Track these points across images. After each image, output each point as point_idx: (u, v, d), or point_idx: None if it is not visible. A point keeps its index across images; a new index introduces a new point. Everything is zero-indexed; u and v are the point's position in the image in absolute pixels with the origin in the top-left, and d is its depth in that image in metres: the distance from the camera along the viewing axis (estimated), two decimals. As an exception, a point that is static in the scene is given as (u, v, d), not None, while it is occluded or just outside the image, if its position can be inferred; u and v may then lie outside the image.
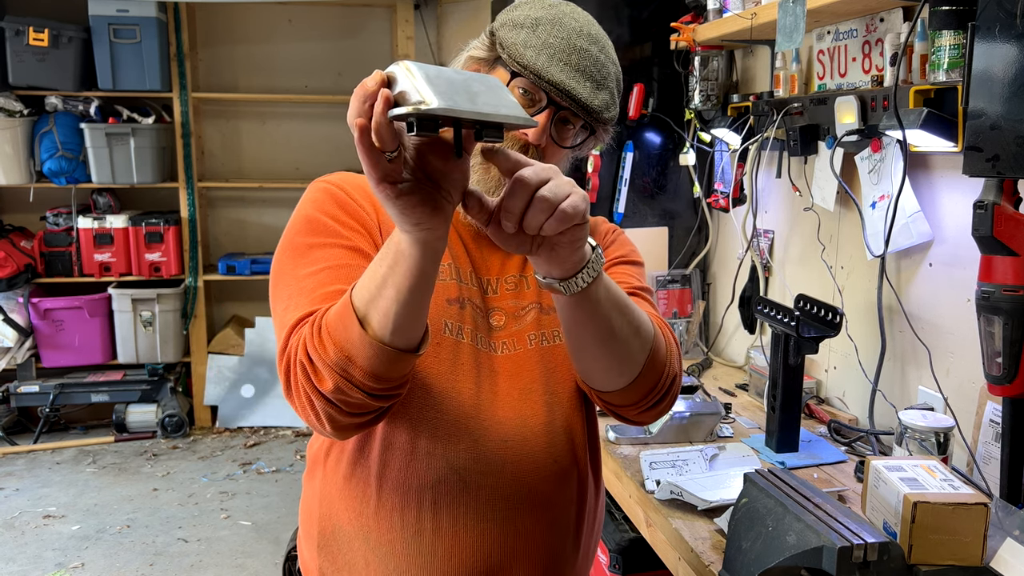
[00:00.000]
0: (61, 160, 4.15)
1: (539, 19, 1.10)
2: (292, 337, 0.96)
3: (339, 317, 0.91)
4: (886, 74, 1.78)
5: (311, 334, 0.93)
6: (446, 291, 1.11)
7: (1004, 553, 1.17)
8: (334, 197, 1.11)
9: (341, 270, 1.03)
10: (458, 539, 1.09)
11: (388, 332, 0.89)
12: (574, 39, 1.09)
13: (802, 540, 1.11)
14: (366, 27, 4.71)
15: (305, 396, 0.94)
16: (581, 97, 1.07)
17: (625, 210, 2.69)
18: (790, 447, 1.78)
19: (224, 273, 4.46)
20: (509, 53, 1.08)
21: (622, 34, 2.65)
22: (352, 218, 1.10)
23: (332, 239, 1.06)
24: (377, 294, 0.88)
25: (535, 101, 1.10)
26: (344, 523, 1.13)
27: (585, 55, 1.09)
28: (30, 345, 4.31)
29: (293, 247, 1.08)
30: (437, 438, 1.08)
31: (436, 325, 1.08)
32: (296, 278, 1.04)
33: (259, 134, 4.76)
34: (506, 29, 1.11)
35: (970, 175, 1.30)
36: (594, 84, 1.09)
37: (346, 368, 0.90)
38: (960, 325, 1.70)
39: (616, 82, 1.14)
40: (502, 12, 1.15)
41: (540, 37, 1.08)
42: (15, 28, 3.97)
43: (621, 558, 1.90)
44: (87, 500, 3.65)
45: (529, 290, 1.18)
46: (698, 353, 2.70)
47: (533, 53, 1.07)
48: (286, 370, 0.96)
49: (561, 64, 1.07)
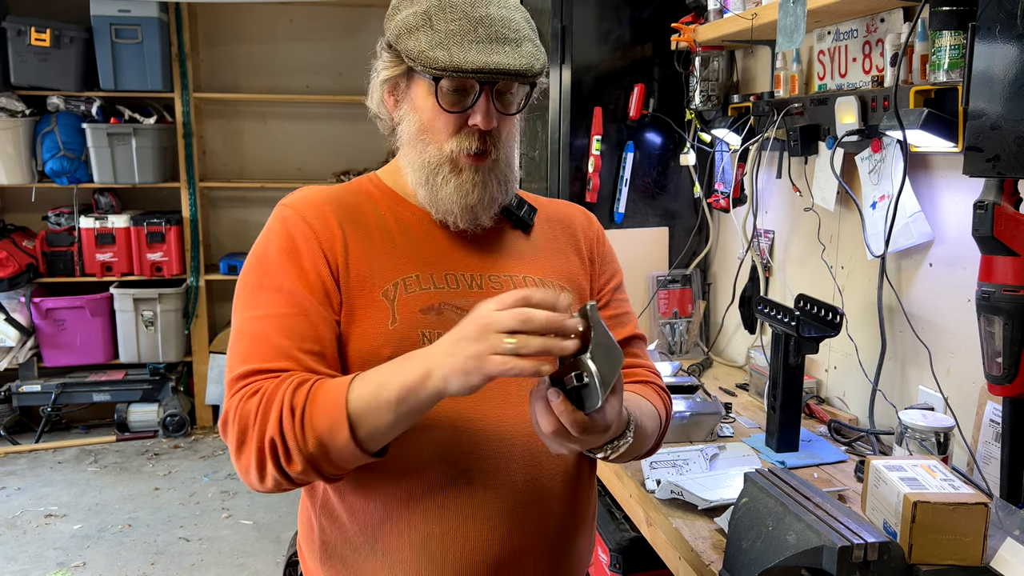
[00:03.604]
0: (63, 160, 4.16)
1: (427, 11, 1.06)
2: (236, 396, 1.01)
3: (328, 417, 0.95)
4: (886, 74, 1.78)
5: (289, 419, 0.96)
6: (416, 302, 1.10)
7: (1004, 553, 1.17)
8: (288, 235, 1.11)
9: (281, 320, 1.05)
10: (467, 540, 1.09)
11: (371, 444, 0.97)
12: (469, 12, 1.06)
13: (802, 540, 1.12)
14: (367, 27, 4.71)
15: (260, 464, 0.99)
16: (506, 66, 1.04)
17: (626, 210, 2.69)
18: (790, 447, 1.78)
19: (225, 273, 4.47)
20: (420, 62, 1.05)
21: (623, 34, 2.65)
22: (302, 258, 1.09)
23: (277, 283, 1.08)
24: (376, 417, 0.95)
25: (467, 90, 1.07)
26: (349, 534, 1.12)
27: (488, 22, 1.06)
28: (32, 345, 4.31)
29: (245, 283, 1.11)
30: (440, 443, 1.08)
31: (413, 336, 1.08)
32: (243, 318, 1.08)
33: (260, 134, 4.77)
34: (404, 38, 1.07)
35: (970, 175, 1.30)
36: (512, 45, 1.06)
37: (319, 460, 0.97)
38: (960, 325, 1.70)
39: (528, 24, 1.12)
40: (388, 20, 1.12)
41: (439, 30, 1.05)
42: (17, 28, 3.97)
43: (621, 557, 1.90)
44: (88, 499, 3.65)
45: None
46: (698, 353, 2.70)
47: (443, 52, 1.04)
48: (239, 435, 1.00)
49: (472, 45, 1.04)
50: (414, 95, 1.12)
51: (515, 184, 1.20)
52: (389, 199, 1.19)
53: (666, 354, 2.66)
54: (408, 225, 1.17)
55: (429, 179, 1.12)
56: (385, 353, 1.06)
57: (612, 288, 1.30)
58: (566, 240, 1.27)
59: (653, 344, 2.63)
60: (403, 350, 1.05)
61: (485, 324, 0.89)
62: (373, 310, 1.09)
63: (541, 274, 1.21)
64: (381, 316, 1.09)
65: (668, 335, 2.70)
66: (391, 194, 1.20)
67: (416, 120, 1.12)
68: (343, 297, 1.09)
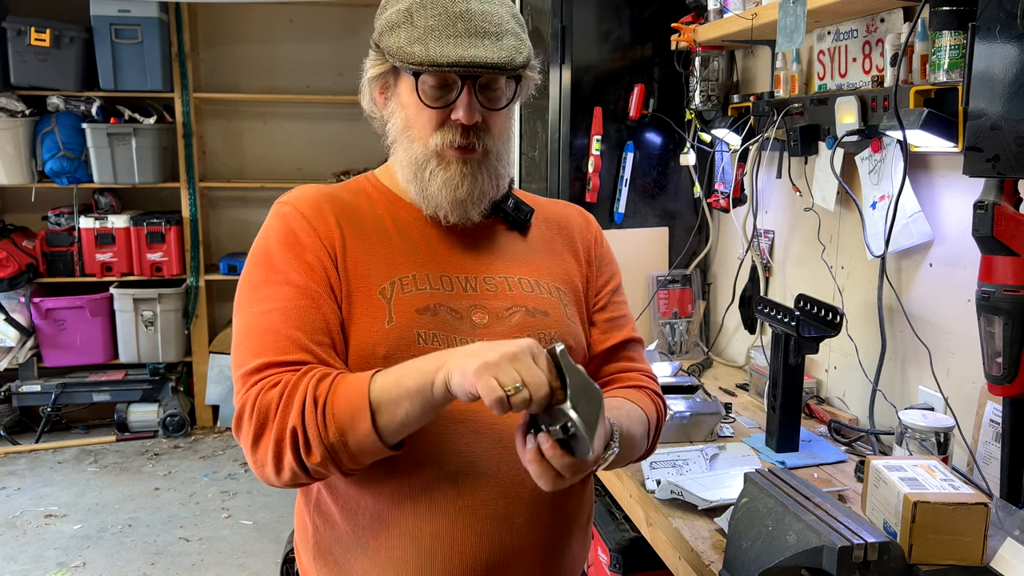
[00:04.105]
0: (63, 160, 4.15)
1: (408, 8, 1.07)
2: (252, 389, 1.00)
3: (351, 407, 0.96)
4: (886, 74, 1.78)
5: (312, 410, 0.97)
6: (413, 302, 1.10)
7: (1004, 553, 1.17)
8: (289, 229, 1.11)
9: (291, 312, 1.05)
10: (456, 541, 1.08)
11: (390, 435, 0.98)
12: (449, 7, 1.06)
13: (802, 540, 1.12)
14: (367, 27, 4.66)
15: (277, 455, 0.99)
16: (486, 60, 1.04)
17: (626, 210, 2.69)
18: (790, 447, 1.78)
19: (225, 273, 4.47)
20: (400, 58, 1.06)
21: (623, 34, 2.65)
22: (306, 252, 1.09)
23: (283, 276, 1.08)
24: (396, 406, 0.96)
25: (449, 86, 1.07)
26: (341, 534, 1.12)
27: (468, 16, 1.05)
28: (32, 345, 4.31)
29: (249, 280, 1.11)
30: (431, 444, 1.08)
31: (409, 336, 1.08)
32: (250, 314, 1.07)
33: (260, 134, 4.77)
34: (386, 36, 1.08)
35: (970, 175, 1.30)
36: (493, 38, 1.06)
37: (338, 451, 0.98)
38: (960, 325, 1.70)
39: (515, 19, 1.11)
40: (376, 20, 1.13)
41: (419, 26, 1.05)
42: (17, 28, 3.97)
43: (621, 557, 1.91)
44: (88, 499, 3.65)
45: (512, 292, 1.17)
46: (698, 353, 2.70)
47: (420, 47, 1.04)
48: (258, 426, 1.00)
49: (451, 40, 1.04)
50: (400, 92, 1.12)
51: (507, 180, 1.19)
52: (386, 199, 1.19)
53: (666, 354, 2.66)
54: (405, 225, 1.17)
55: (418, 175, 1.12)
56: (380, 352, 1.07)
57: (610, 290, 1.29)
58: (563, 241, 1.27)
59: (653, 344, 2.63)
60: (399, 349, 1.06)
61: (516, 353, 0.90)
62: (370, 308, 1.09)
63: (536, 276, 1.20)
64: (378, 314, 1.09)
65: (668, 335, 2.70)
66: (388, 194, 1.20)
67: (402, 117, 1.13)
68: (343, 291, 1.10)
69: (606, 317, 1.27)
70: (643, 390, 1.26)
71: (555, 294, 1.20)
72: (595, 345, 1.26)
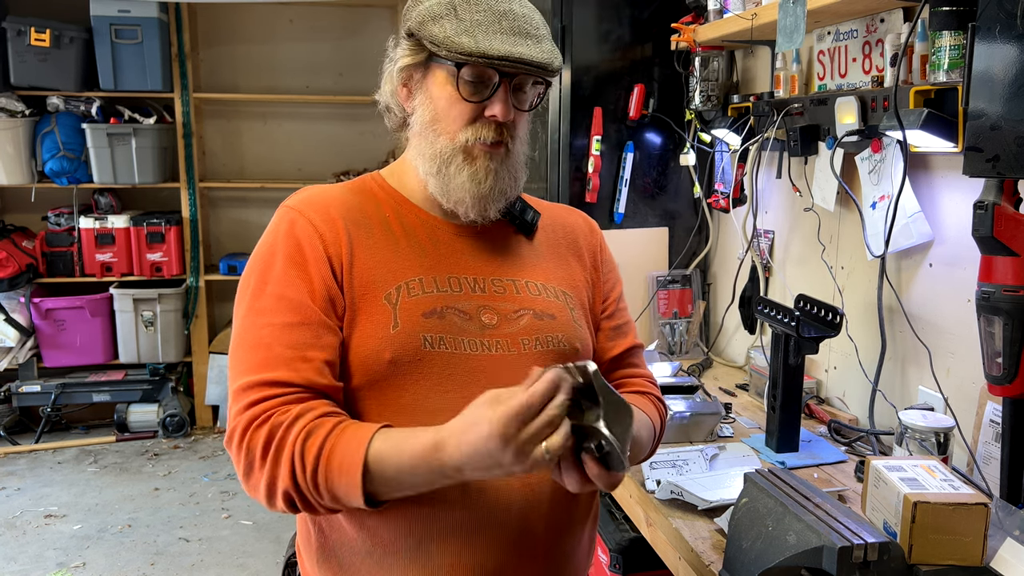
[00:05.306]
0: (63, 160, 4.16)
1: (452, 2, 1.09)
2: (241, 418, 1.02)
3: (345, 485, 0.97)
4: (886, 74, 1.78)
5: (303, 474, 0.98)
6: (419, 306, 1.10)
7: (1004, 553, 1.17)
8: (295, 240, 1.10)
9: (284, 329, 1.05)
10: (463, 544, 1.08)
11: (380, 499, 1.00)
12: (494, 5, 1.08)
13: (802, 540, 1.12)
14: (367, 27, 4.71)
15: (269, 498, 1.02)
16: (529, 57, 1.07)
17: (625, 210, 2.70)
18: (790, 447, 1.78)
19: (225, 273, 4.47)
20: (446, 47, 1.07)
21: (623, 34, 2.65)
22: (308, 265, 1.09)
23: (281, 290, 1.08)
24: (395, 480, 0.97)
25: (487, 81, 1.09)
26: (345, 537, 1.12)
27: (511, 16, 1.09)
28: (32, 345, 4.31)
29: (248, 284, 1.11)
30: None
31: (415, 341, 1.08)
32: (246, 323, 1.08)
33: (260, 134, 4.77)
34: (428, 26, 1.09)
35: (970, 175, 1.30)
36: (533, 40, 1.09)
37: (334, 510, 1.03)
38: (960, 325, 1.70)
39: (545, 27, 1.15)
40: (409, 11, 1.14)
41: (464, 20, 1.07)
42: (17, 28, 3.97)
43: (621, 558, 1.91)
44: (88, 500, 3.65)
45: (520, 295, 1.17)
46: (698, 353, 2.70)
47: (468, 38, 1.06)
48: (246, 465, 1.01)
49: (497, 35, 1.06)
50: (429, 84, 1.12)
51: (522, 183, 1.20)
52: (393, 200, 1.19)
53: (666, 354, 2.66)
54: (412, 227, 1.17)
55: (441, 169, 1.12)
56: (386, 357, 1.07)
57: (616, 298, 1.31)
58: (568, 246, 1.28)
59: (653, 344, 2.63)
60: (405, 354, 1.06)
61: (519, 448, 0.89)
62: (375, 314, 1.09)
63: (543, 279, 1.21)
64: (383, 320, 1.08)
65: (668, 335, 2.70)
66: (395, 195, 1.20)
67: (430, 109, 1.12)
68: (346, 302, 1.09)
69: (613, 324, 1.28)
70: (648, 396, 1.27)
71: (562, 298, 1.21)
72: (602, 352, 1.27)
